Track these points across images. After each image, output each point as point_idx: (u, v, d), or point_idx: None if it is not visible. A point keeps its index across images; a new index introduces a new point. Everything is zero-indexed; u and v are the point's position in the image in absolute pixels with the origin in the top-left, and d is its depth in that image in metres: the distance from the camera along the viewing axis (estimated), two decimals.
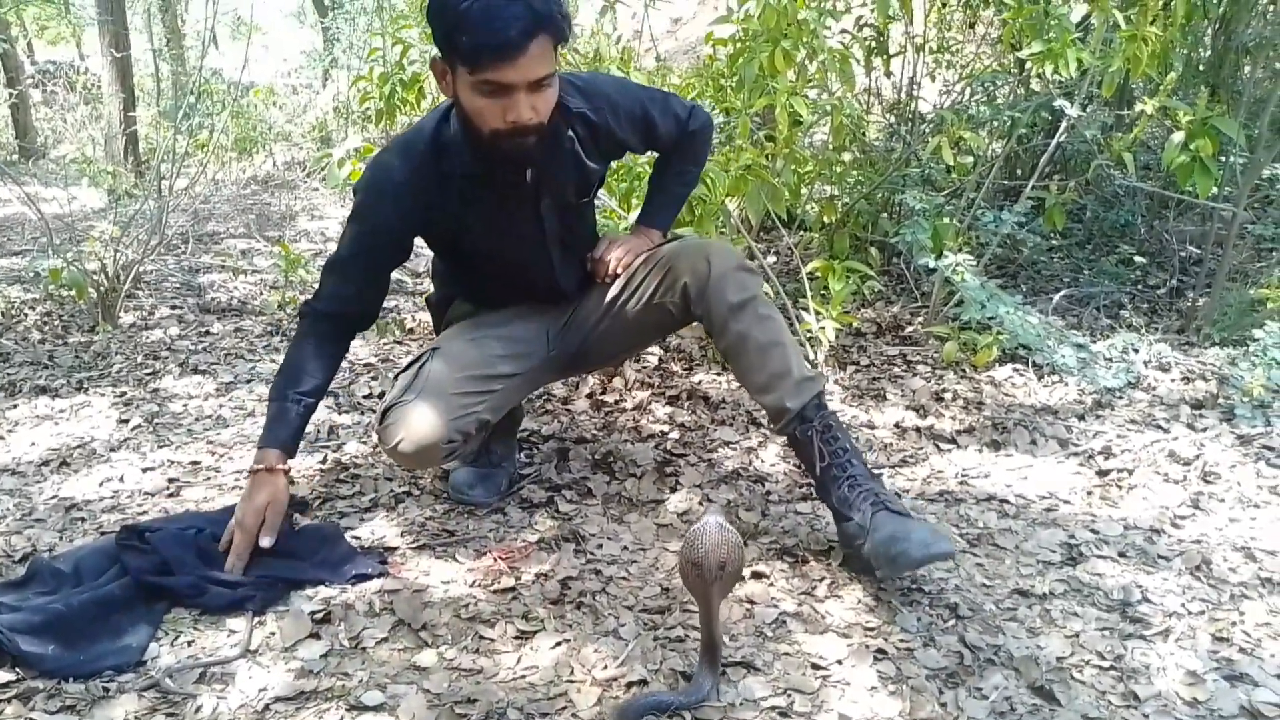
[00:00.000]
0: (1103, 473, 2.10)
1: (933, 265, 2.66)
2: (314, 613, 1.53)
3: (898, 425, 2.36)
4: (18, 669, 1.38)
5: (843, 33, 3.06)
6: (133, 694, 1.35)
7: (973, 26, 4.01)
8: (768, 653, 1.45)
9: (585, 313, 1.93)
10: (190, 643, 1.47)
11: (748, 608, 1.57)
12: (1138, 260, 3.27)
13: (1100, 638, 1.50)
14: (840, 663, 1.43)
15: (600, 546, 1.77)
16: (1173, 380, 2.54)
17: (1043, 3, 2.66)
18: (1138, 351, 2.62)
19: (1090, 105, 3.25)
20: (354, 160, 2.77)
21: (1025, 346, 2.61)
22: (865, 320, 3.10)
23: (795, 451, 1.76)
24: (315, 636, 1.49)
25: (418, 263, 3.97)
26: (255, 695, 1.35)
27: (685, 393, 2.54)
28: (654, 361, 2.75)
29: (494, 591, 1.62)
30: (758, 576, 1.66)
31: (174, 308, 3.44)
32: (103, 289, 3.15)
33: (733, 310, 1.72)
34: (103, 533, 1.81)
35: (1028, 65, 2.89)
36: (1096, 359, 2.57)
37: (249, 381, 2.68)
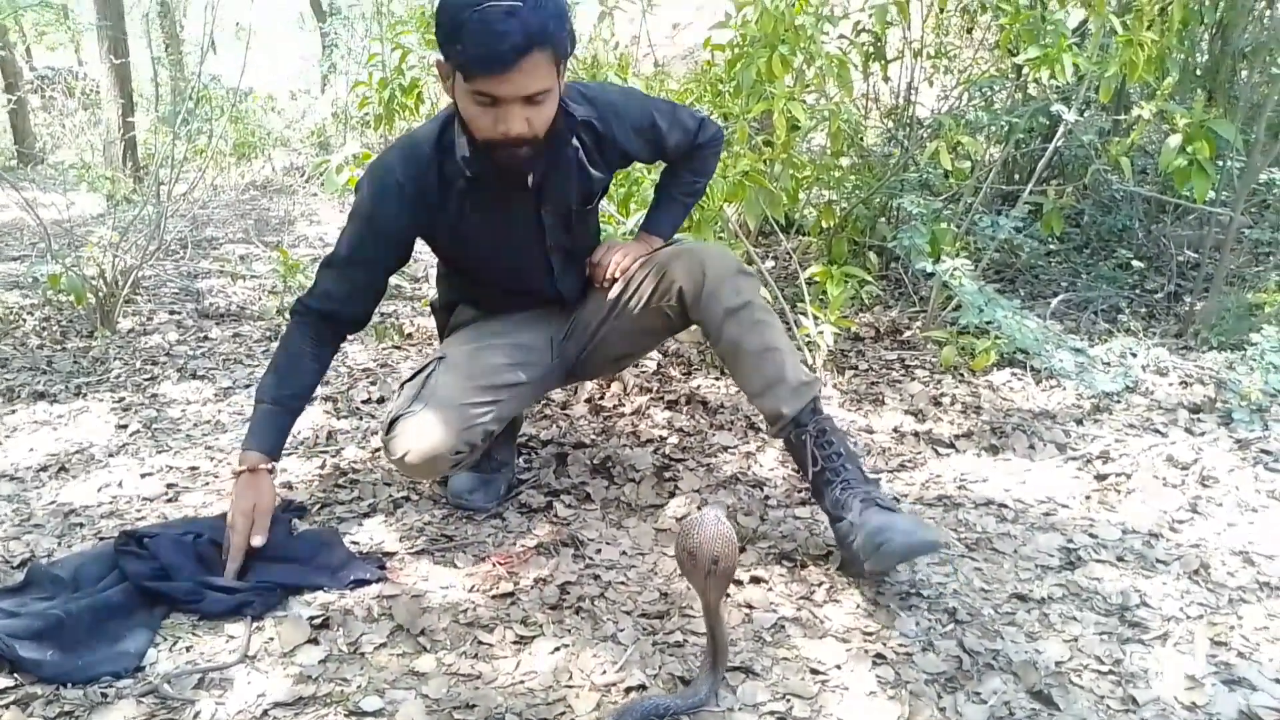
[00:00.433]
0: (1101, 477, 2.10)
1: (931, 270, 2.66)
2: (312, 618, 1.53)
3: (896, 430, 2.36)
4: (16, 675, 1.38)
5: (840, 38, 3.07)
6: (131, 700, 1.35)
7: (970, 32, 4.02)
8: (766, 657, 1.45)
9: (586, 319, 1.94)
10: (189, 648, 1.47)
11: (746, 612, 1.57)
12: (1135, 265, 3.27)
13: (1099, 642, 1.50)
14: (839, 667, 1.43)
15: (599, 551, 1.77)
16: (1171, 384, 2.54)
17: (1039, 8, 2.67)
18: (1135, 356, 2.62)
19: (1087, 110, 3.26)
20: (352, 165, 2.78)
21: (1023, 351, 2.61)
22: (863, 325, 3.11)
23: (791, 455, 1.76)
24: (314, 642, 1.49)
25: (416, 268, 3.98)
26: (254, 701, 1.35)
27: (684, 397, 2.54)
28: (653, 366, 2.75)
29: (493, 597, 1.62)
30: (756, 581, 1.66)
31: (172, 313, 3.44)
32: (101, 294, 3.15)
33: (729, 315, 1.72)
34: (101, 538, 1.81)
35: (1025, 70, 2.90)
36: (1094, 363, 2.57)
37: (248, 386, 2.68)
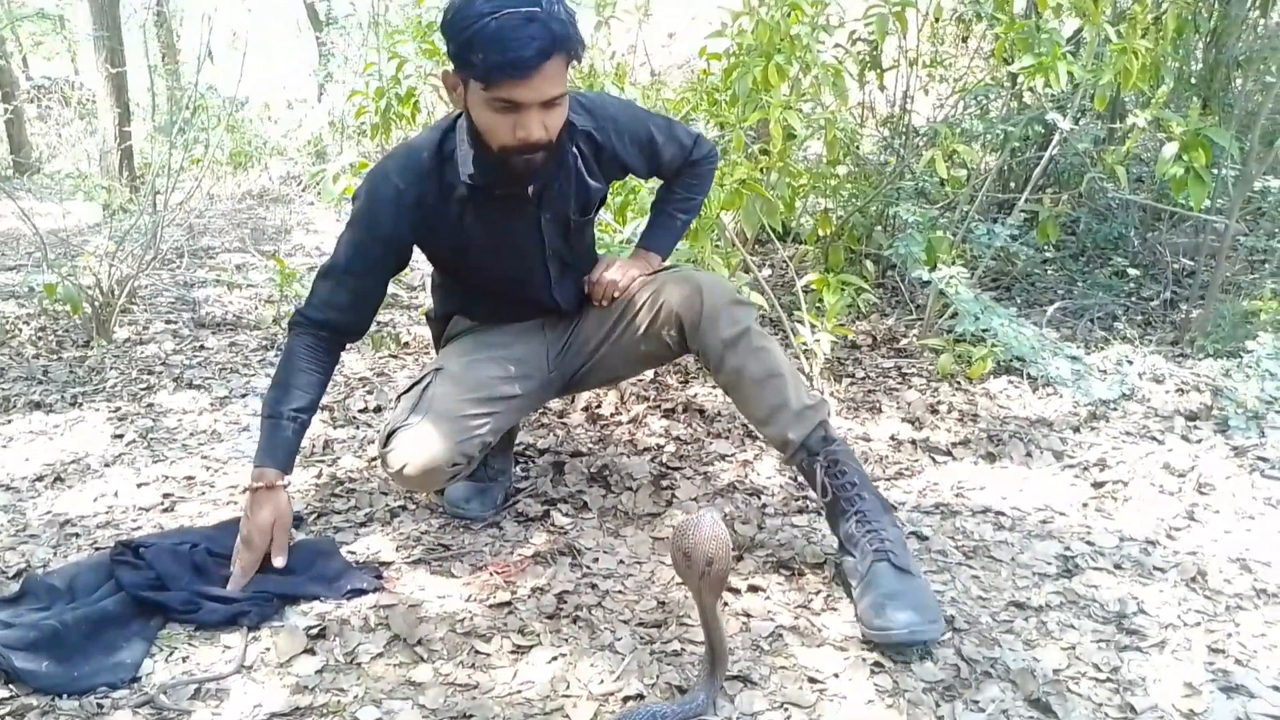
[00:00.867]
0: (1098, 484, 2.10)
1: (927, 278, 2.67)
2: (309, 628, 1.53)
3: (893, 438, 2.37)
4: (11, 686, 1.37)
5: (836, 47, 3.08)
6: (127, 710, 1.34)
7: (965, 41, 4.03)
8: (764, 666, 1.45)
9: (584, 337, 1.93)
10: (185, 659, 1.47)
11: (744, 621, 1.57)
12: (1131, 272, 3.28)
13: (1097, 650, 1.50)
14: (837, 676, 1.43)
15: (596, 560, 1.77)
16: (1167, 392, 2.55)
17: (1034, 17, 2.68)
18: (1132, 363, 2.62)
19: (1082, 118, 3.27)
20: (349, 174, 2.78)
21: (1020, 359, 2.62)
22: (860, 333, 3.11)
23: (806, 481, 1.74)
24: (310, 652, 1.48)
25: (413, 277, 3.97)
26: (250, 711, 1.35)
27: (681, 406, 2.54)
28: (650, 375, 2.75)
29: (490, 606, 1.61)
30: (754, 589, 1.66)
31: (169, 322, 3.44)
32: (97, 304, 3.15)
33: (727, 345, 1.71)
34: (97, 548, 1.80)
35: (1020, 79, 2.91)
36: (1091, 371, 2.58)
37: (244, 396, 2.67)
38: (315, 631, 1.53)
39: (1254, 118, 2.92)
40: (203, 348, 3.14)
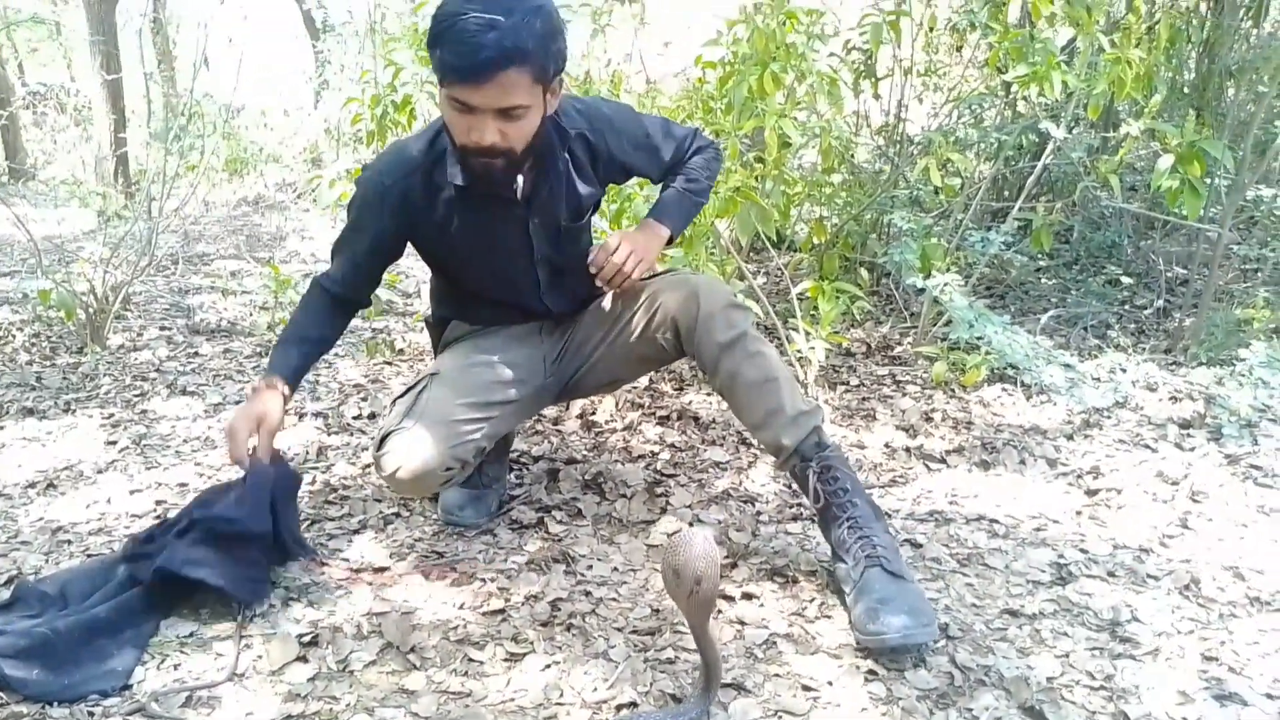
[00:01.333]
0: (1091, 492, 2.11)
1: (921, 285, 2.67)
2: (301, 635, 1.52)
3: (887, 445, 2.37)
4: (2, 694, 1.37)
5: (831, 56, 3.09)
6: (118, 718, 1.34)
7: (960, 50, 4.05)
8: (758, 674, 1.45)
9: (580, 340, 1.93)
10: (177, 666, 1.46)
11: (738, 629, 1.57)
12: (1125, 281, 3.29)
13: (1090, 657, 1.50)
14: (831, 684, 1.43)
15: (590, 568, 1.77)
16: (1160, 400, 2.55)
17: (1028, 26, 2.70)
18: (1125, 371, 2.63)
19: (1076, 127, 3.29)
20: (345, 181, 2.78)
21: (1013, 366, 2.62)
22: (855, 340, 3.11)
23: (798, 487, 1.74)
24: (303, 660, 1.48)
25: (408, 284, 3.97)
26: (242, 719, 1.34)
27: (676, 413, 2.54)
28: (644, 382, 2.75)
29: (483, 613, 1.61)
30: (748, 597, 1.66)
31: (163, 329, 3.43)
32: (91, 310, 3.14)
33: (723, 349, 1.71)
34: (89, 555, 1.80)
35: (1014, 88, 2.92)
36: (1084, 379, 2.58)
37: (238, 403, 2.67)
38: (307, 639, 1.52)
39: (1246, 127, 2.93)
40: (197, 354, 3.13)
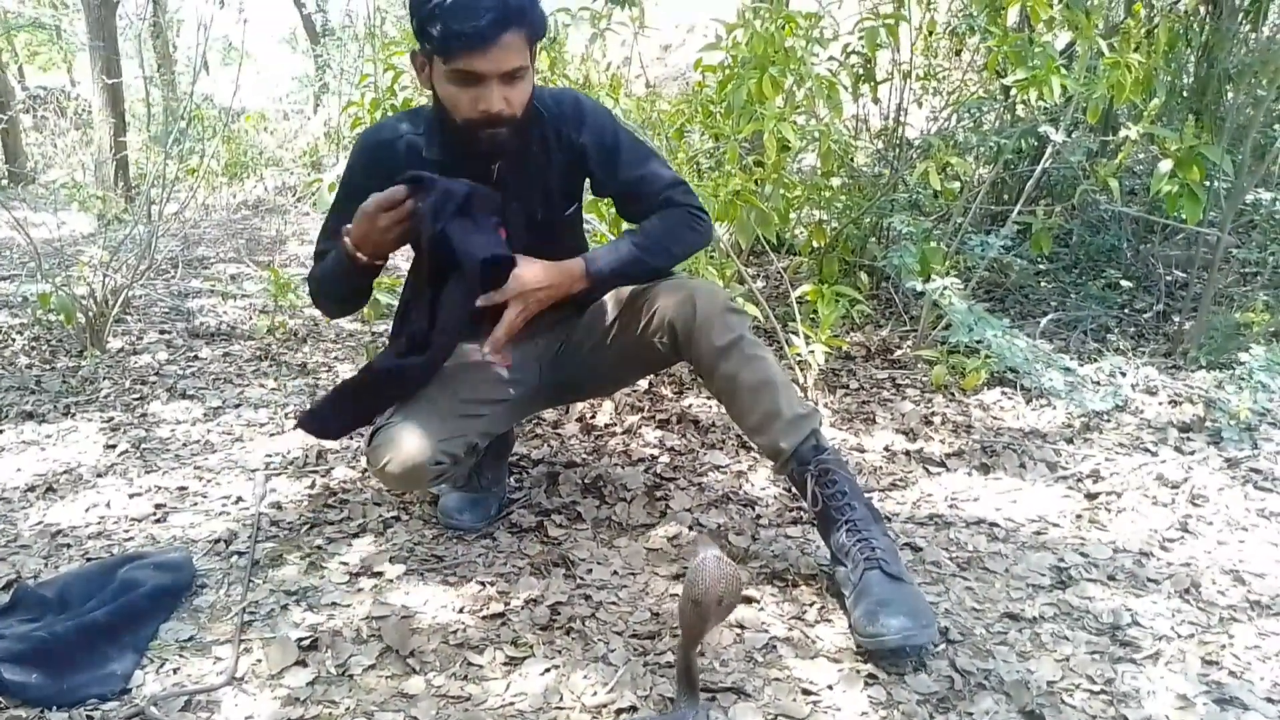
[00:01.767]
0: (1091, 496, 2.11)
1: (921, 289, 2.68)
2: (301, 640, 1.52)
3: (887, 449, 2.37)
4: (1, 697, 1.37)
5: (830, 60, 3.09)
6: None
7: (959, 54, 4.06)
8: (758, 678, 1.45)
9: (576, 342, 1.93)
10: (176, 670, 1.46)
11: (738, 632, 1.57)
12: (1124, 284, 3.29)
13: (1090, 661, 1.50)
14: (831, 688, 1.43)
15: (590, 571, 1.76)
16: (1160, 403, 2.55)
17: (1027, 30, 2.70)
18: (1125, 375, 2.63)
19: (1075, 131, 3.29)
20: None
21: (1013, 370, 2.62)
22: (854, 344, 3.11)
23: (797, 491, 1.74)
24: (302, 664, 1.48)
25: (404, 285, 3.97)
26: None
27: (675, 416, 2.54)
28: (644, 385, 2.75)
29: (483, 617, 1.61)
30: (748, 601, 1.66)
31: (163, 332, 3.43)
32: (91, 314, 3.15)
33: (720, 353, 1.70)
34: (88, 559, 1.79)
35: (1013, 92, 2.92)
36: (1084, 382, 2.58)
37: (237, 406, 2.67)
38: (307, 643, 1.52)
39: (1245, 131, 2.93)
40: (196, 358, 3.13)
